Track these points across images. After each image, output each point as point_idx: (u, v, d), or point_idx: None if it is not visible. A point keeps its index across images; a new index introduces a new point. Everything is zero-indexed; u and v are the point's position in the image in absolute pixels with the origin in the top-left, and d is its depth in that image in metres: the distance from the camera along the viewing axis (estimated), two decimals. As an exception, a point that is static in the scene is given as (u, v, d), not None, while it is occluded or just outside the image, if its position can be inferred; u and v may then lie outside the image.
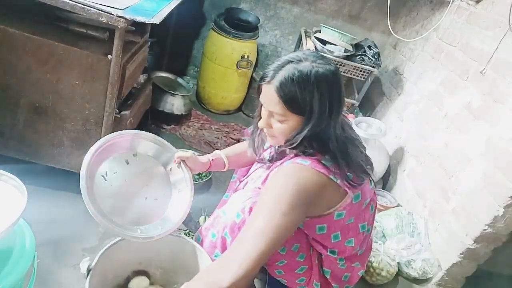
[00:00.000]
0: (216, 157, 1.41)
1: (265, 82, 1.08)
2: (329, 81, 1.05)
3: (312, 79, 1.02)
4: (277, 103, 1.06)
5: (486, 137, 1.80)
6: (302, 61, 1.06)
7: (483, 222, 1.68)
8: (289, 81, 1.03)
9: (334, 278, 1.28)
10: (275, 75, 1.05)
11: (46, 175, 1.66)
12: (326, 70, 1.05)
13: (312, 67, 1.04)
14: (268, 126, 1.14)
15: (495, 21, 1.93)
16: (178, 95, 2.49)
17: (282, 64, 1.06)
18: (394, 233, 2.02)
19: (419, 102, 2.45)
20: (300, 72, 1.03)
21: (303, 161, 1.07)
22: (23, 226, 1.06)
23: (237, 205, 1.18)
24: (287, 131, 1.10)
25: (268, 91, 1.07)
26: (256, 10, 3.00)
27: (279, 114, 1.08)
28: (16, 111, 1.51)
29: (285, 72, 1.04)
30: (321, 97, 1.04)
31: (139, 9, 1.47)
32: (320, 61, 1.06)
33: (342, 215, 1.14)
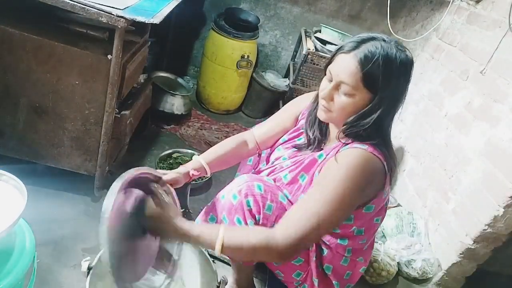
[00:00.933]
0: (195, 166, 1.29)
1: (345, 52, 1.05)
2: (407, 69, 1.06)
3: (397, 62, 1.02)
4: (354, 74, 1.03)
5: (486, 137, 1.79)
6: (387, 42, 1.05)
7: (483, 222, 1.68)
8: (375, 56, 1.01)
9: (335, 275, 1.27)
10: (358, 46, 1.04)
11: (46, 175, 1.66)
12: (407, 58, 1.05)
13: (397, 50, 1.04)
14: (329, 99, 1.10)
15: (495, 21, 1.93)
16: (178, 95, 2.49)
17: (366, 38, 1.05)
18: (394, 233, 2.02)
19: (419, 102, 2.45)
20: (386, 51, 1.02)
21: (361, 145, 1.07)
22: (23, 226, 1.06)
23: (234, 188, 1.19)
24: (349, 106, 1.07)
25: (347, 61, 1.04)
26: (256, 10, 3.00)
27: (350, 86, 1.04)
28: (16, 111, 1.51)
29: (371, 46, 1.03)
30: (398, 82, 1.04)
31: (139, 9, 1.47)
32: (401, 47, 1.06)
33: (371, 209, 1.15)
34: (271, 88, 2.92)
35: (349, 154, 1.06)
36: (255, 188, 1.17)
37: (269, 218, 1.16)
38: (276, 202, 1.17)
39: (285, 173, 1.24)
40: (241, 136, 1.42)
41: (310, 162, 1.20)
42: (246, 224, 1.16)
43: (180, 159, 2.15)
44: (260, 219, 1.16)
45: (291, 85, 2.75)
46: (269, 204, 1.16)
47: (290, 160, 1.27)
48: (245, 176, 1.23)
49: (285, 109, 1.42)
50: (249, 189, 1.16)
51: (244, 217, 1.16)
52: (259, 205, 1.16)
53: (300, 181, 1.20)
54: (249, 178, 1.21)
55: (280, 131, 1.38)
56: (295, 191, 1.21)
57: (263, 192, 1.17)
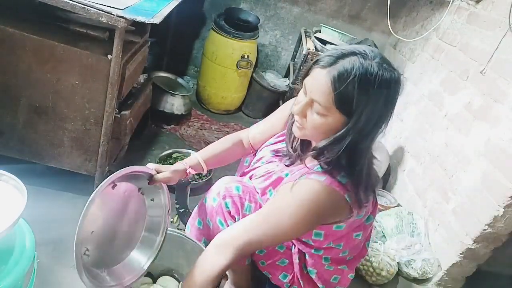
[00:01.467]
0: (192, 163, 1.28)
1: (320, 67, 0.95)
2: (390, 90, 0.95)
3: (376, 82, 0.90)
4: (326, 94, 0.93)
5: (486, 137, 1.79)
6: (369, 58, 0.93)
7: (483, 222, 1.68)
8: (350, 75, 0.89)
9: (320, 278, 1.25)
10: (335, 62, 0.93)
11: (46, 175, 1.66)
12: (391, 78, 0.94)
13: (379, 69, 0.92)
14: (302, 115, 1.01)
15: (495, 21, 1.93)
16: (178, 95, 2.49)
17: (345, 53, 0.94)
18: (394, 233, 2.02)
19: (419, 102, 2.45)
20: (365, 69, 0.90)
21: (318, 176, 1.00)
22: (23, 226, 1.06)
23: (214, 190, 1.22)
24: (321, 127, 0.99)
25: (320, 78, 0.94)
26: (256, 10, 3.00)
27: (322, 106, 0.95)
28: (16, 111, 1.51)
29: (348, 63, 0.91)
30: (377, 105, 0.93)
31: (139, 9, 1.47)
32: (386, 65, 0.95)
33: (341, 227, 1.12)
34: (271, 88, 2.92)
35: (303, 187, 1.00)
36: (233, 189, 1.19)
37: None
38: (254, 203, 1.18)
39: (258, 182, 1.25)
40: (238, 135, 1.42)
41: (277, 179, 1.18)
42: (228, 226, 1.17)
43: (180, 159, 2.15)
44: (240, 219, 1.16)
45: (291, 85, 2.76)
46: (247, 204, 1.18)
47: (265, 166, 1.27)
48: (226, 178, 1.25)
49: (279, 111, 1.39)
50: (227, 190, 1.19)
51: (224, 218, 1.18)
52: (237, 206, 1.17)
53: (268, 195, 1.20)
54: (228, 180, 1.23)
55: (272, 133, 1.36)
56: (264, 202, 1.21)
57: (241, 193, 1.18)
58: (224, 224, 1.18)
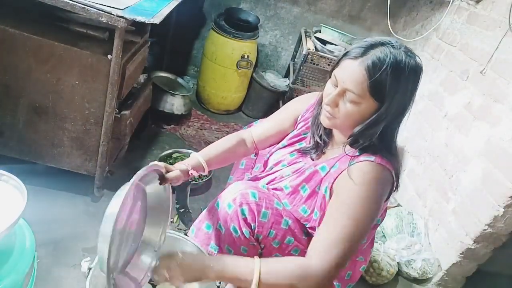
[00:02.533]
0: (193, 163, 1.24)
1: (352, 58, 0.99)
2: (416, 76, 1.02)
3: (406, 69, 0.98)
4: (361, 82, 0.97)
5: (486, 137, 1.79)
6: (396, 48, 0.99)
7: (483, 222, 1.68)
8: (384, 63, 0.95)
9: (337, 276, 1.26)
10: (366, 52, 0.98)
11: (46, 175, 1.66)
12: (417, 65, 1.01)
13: (406, 56, 0.99)
14: (334, 105, 1.05)
15: (495, 21, 1.93)
16: (178, 95, 2.49)
17: (375, 44, 1.00)
18: (394, 233, 2.02)
19: (419, 102, 2.45)
20: (395, 59, 0.97)
21: (367, 157, 1.04)
22: (23, 226, 1.06)
23: (228, 196, 1.18)
24: (353, 115, 1.03)
25: (353, 68, 0.98)
26: (256, 10, 3.00)
27: (356, 94, 0.99)
28: (16, 111, 1.51)
29: (380, 53, 0.97)
30: (406, 90, 1.01)
31: (139, 9, 1.47)
32: (410, 53, 1.02)
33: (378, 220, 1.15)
34: (271, 88, 2.92)
35: (362, 169, 1.03)
36: (250, 196, 1.16)
37: (265, 225, 1.16)
38: (271, 209, 1.16)
39: (285, 183, 1.23)
40: (240, 134, 1.38)
41: (311, 174, 1.17)
42: (242, 233, 1.15)
43: (180, 159, 2.15)
44: (256, 227, 1.15)
45: (291, 85, 2.76)
46: (264, 211, 1.15)
47: (290, 167, 1.25)
48: (239, 183, 1.22)
49: (283, 110, 1.39)
50: (243, 197, 1.15)
51: (239, 225, 1.15)
52: (254, 213, 1.15)
53: (301, 192, 1.19)
54: (244, 186, 1.19)
55: (278, 131, 1.35)
56: (296, 202, 1.19)
57: (258, 200, 1.15)
58: (238, 231, 1.16)
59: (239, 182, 1.24)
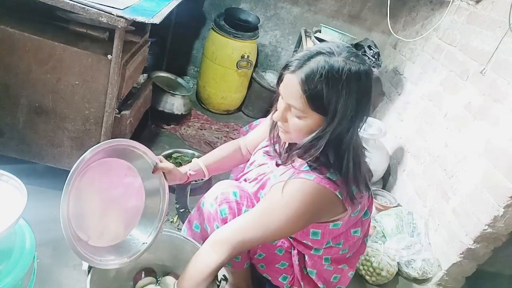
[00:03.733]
0: (194, 169, 1.32)
1: (289, 72, 0.97)
2: (360, 82, 0.95)
3: (343, 77, 0.91)
4: (298, 97, 0.95)
5: (486, 137, 1.79)
6: (335, 55, 0.95)
7: (483, 222, 1.68)
8: (316, 75, 0.91)
9: (320, 278, 1.25)
10: (302, 65, 0.94)
11: (46, 175, 1.66)
12: (360, 70, 0.94)
13: (345, 63, 0.93)
14: (283, 120, 1.04)
15: (495, 21, 1.93)
16: (178, 95, 2.49)
17: (311, 55, 0.95)
18: (394, 233, 2.02)
19: (419, 102, 2.45)
20: (331, 67, 0.92)
21: (307, 175, 1.00)
22: (23, 226, 1.06)
23: (211, 196, 1.22)
24: (303, 129, 1.00)
25: (291, 82, 0.96)
26: (256, 10, 3.00)
27: (298, 110, 0.97)
28: (16, 111, 1.51)
29: (314, 64, 0.93)
30: (349, 99, 0.94)
31: (139, 9, 1.47)
32: (354, 58, 0.96)
33: (338, 225, 1.12)
34: (271, 88, 2.92)
35: (293, 186, 1.01)
36: (231, 195, 1.18)
37: None
38: (253, 207, 1.17)
39: (250, 186, 1.26)
40: (237, 142, 1.45)
41: (265, 181, 1.21)
42: None
43: (180, 159, 2.15)
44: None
45: (291, 85, 2.75)
46: (245, 209, 1.17)
47: (257, 169, 1.28)
48: (223, 182, 1.25)
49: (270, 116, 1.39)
50: (223, 196, 1.18)
51: (222, 224, 1.18)
52: (234, 212, 1.16)
53: (260, 198, 1.22)
54: (226, 185, 1.22)
55: (265, 137, 1.34)
56: None
57: (239, 199, 1.17)
58: None
59: (223, 181, 1.27)
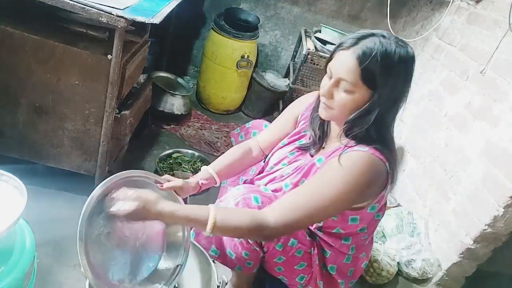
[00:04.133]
0: (205, 177, 1.32)
1: (344, 48, 1.05)
2: (408, 64, 1.04)
3: (395, 58, 1.01)
4: (353, 70, 1.02)
5: (486, 137, 1.79)
6: (387, 38, 1.03)
7: (483, 222, 1.68)
8: (373, 52, 1.00)
9: (340, 273, 1.27)
10: (357, 42, 1.03)
11: (46, 175, 1.66)
12: (407, 53, 1.03)
13: (396, 46, 1.02)
14: (329, 96, 1.08)
15: (495, 21, 1.93)
16: (178, 95, 2.49)
17: (366, 35, 1.04)
18: (394, 233, 2.02)
19: (419, 102, 2.45)
20: (385, 47, 1.00)
21: (360, 148, 1.05)
22: (23, 226, 1.06)
23: (231, 201, 1.18)
24: (348, 103, 1.06)
25: (345, 57, 1.03)
26: (256, 10, 3.00)
27: (349, 83, 1.03)
28: (16, 111, 1.51)
29: (370, 42, 1.01)
30: (397, 78, 1.03)
31: (139, 9, 1.47)
32: (401, 43, 1.04)
33: (375, 208, 1.16)
34: (271, 88, 2.92)
35: (351, 157, 1.05)
36: (252, 200, 1.15)
37: None
38: None
39: (286, 181, 1.23)
40: (246, 143, 1.42)
41: (309, 168, 1.19)
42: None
43: (180, 159, 2.15)
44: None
45: (291, 85, 2.76)
46: None
47: (290, 166, 1.26)
48: (242, 187, 1.22)
49: (284, 113, 1.42)
50: (245, 202, 1.15)
51: None
52: None
53: None
54: (246, 190, 1.19)
55: (281, 135, 1.37)
56: None
57: (260, 204, 1.15)
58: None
59: (242, 186, 1.24)
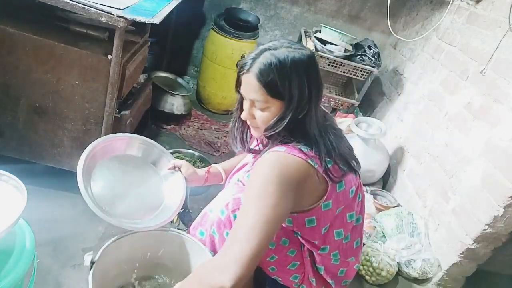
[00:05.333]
0: (212, 170, 1.44)
1: (245, 72, 1.10)
2: (305, 65, 1.08)
3: (288, 64, 1.05)
4: (258, 89, 1.08)
5: (486, 137, 1.79)
6: (278, 48, 1.09)
7: (483, 222, 1.68)
8: (267, 67, 1.05)
9: (328, 273, 1.27)
10: (253, 63, 1.08)
11: (46, 175, 1.66)
12: (302, 55, 1.08)
13: (288, 52, 1.07)
14: (250, 117, 1.15)
15: (495, 21, 1.93)
16: (178, 95, 2.49)
17: (259, 53, 1.09)
18: (394, 233, 2.02)
19: (419, 102, 2.45)
20: (277, 58, 1.06)
21: (278, 148, 1.08)
22: (23, 226, 1.06)
23: (221, 201, 1.21)
24: (269, 118, 1.11)
25: (248, 80, 1.09)
26: (256, 10, 3.00)
27: (261, 101, 1.09)
28: (16, 111, 1.51)
29: (263, 59, 1.07)
30: (299, 81, 1.07)
31: (139, 9, 1.47)
32: (296, 46, 1.10)
33: (329, 205, 1.14)
34: (271, 88, 2.92)
35: (262, 159, 1.08)
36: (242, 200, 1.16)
37: None
38: None
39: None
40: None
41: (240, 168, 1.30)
42: None
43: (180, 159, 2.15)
44: None
45: (291, 85, 2.75)
46: None
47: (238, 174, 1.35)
48: (231, 188, 1.25)
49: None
50: (235, 202, 1.18)
51: None
52: None
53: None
54: (236, 190, 1.22)
55: None
56: None
57: None
58: None
59: (231, 186, 1.27)
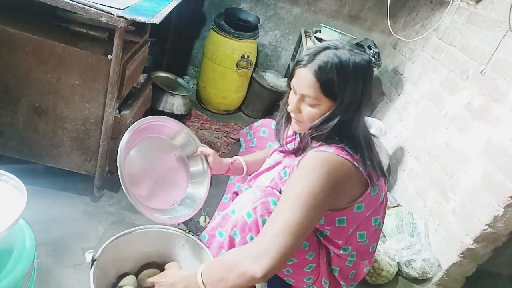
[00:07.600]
0: (235, 161, 1.47)
1: (301, 66, 1.10)
2: (364, 70, 1.08)
3: (350, 66, 1.06)
4: (312, 86, 1.07)
5: (486, 137, 1.80)
6: (340, 48, 1.09)
7: (483, 222, 1.68)
8: (328, 66, 1.05)
9: (342, 276, 1.27)
10: (313, 59, 1.08)
11: (46, 175, 1.66)
12: (362, 60, 1.08)
13: (350, 55, 1.07)
14: (297, 111, 1.15)
15: (495, 21, 1.93)
16: (178, 95, 2.49)
17: (320, 49, 1.09)
18: (394, 233, 2.02)
19: (419, 102, 2.45)
20: (339, 58, 1.06)
21: (326, 148, 1.07)
22: (23, 226, 1.06)
23: (247, 204, 1.16)
24: (316, 116, 1.11)
25: (304, 74, 1.09)
26: (256, 10, 3.00)
27: (312, 98, 1.09)
28: (16, 111, 1.51)
29: (324, 56, 1.06)
30: (356, 85, 1.07)
31: (139, 9, 1.47)
32: (357, 50, 1.10)
33: (361, 207, 1.14)
34: (271, 88, 2.92)
35: (310, 158, 1.06)
36: (271, 204, 1.14)
37: None
38: None
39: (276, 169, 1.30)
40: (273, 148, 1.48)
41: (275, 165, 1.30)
42: None
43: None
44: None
45: (291, 85, 2.75)
46: None
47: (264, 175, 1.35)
48: (257, 190, 1.20)
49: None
50: (264, 206, 1.14)
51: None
52: None
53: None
54: (263, 194, 1.17)
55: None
56: None
57: None
58: None
59: (257, 188, 1.22)
